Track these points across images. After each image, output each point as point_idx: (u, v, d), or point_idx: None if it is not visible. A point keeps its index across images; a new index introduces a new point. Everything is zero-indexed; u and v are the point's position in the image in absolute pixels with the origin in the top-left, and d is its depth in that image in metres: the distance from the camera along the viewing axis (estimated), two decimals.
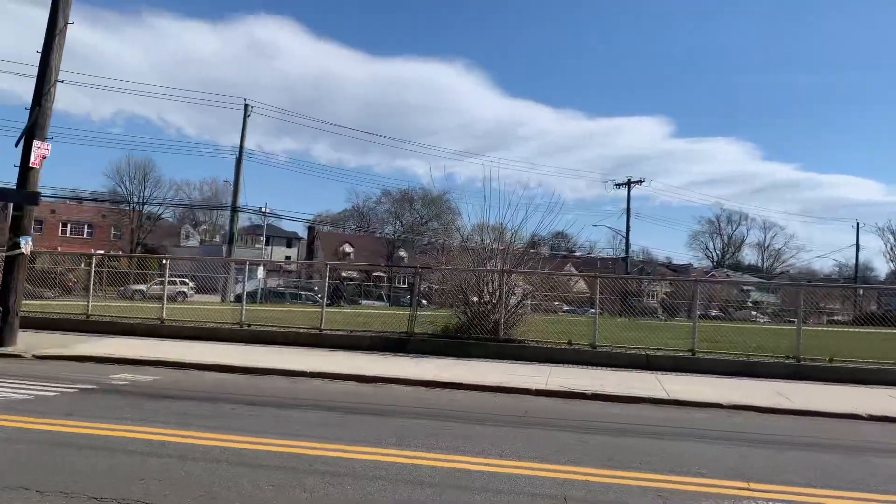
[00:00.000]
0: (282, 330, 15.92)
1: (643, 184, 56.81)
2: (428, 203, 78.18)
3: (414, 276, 17.58)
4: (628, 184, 56.55)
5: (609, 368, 13.50)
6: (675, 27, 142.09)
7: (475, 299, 15.47)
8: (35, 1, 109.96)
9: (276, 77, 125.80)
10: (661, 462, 6.28)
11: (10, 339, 12.40)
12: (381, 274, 54.39)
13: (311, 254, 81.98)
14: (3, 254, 12.78)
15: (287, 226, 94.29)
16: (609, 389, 10.72)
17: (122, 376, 10.29)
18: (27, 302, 14.43)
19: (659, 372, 13.24)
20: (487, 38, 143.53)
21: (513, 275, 15.57)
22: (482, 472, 5.57)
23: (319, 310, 16.62)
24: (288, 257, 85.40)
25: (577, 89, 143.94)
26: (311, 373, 11.24)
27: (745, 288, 30.17)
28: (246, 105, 42.04)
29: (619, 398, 10.24)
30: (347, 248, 78.35)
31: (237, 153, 42.36)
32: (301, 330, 15.85)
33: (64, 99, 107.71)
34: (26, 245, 12.65)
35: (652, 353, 14.11)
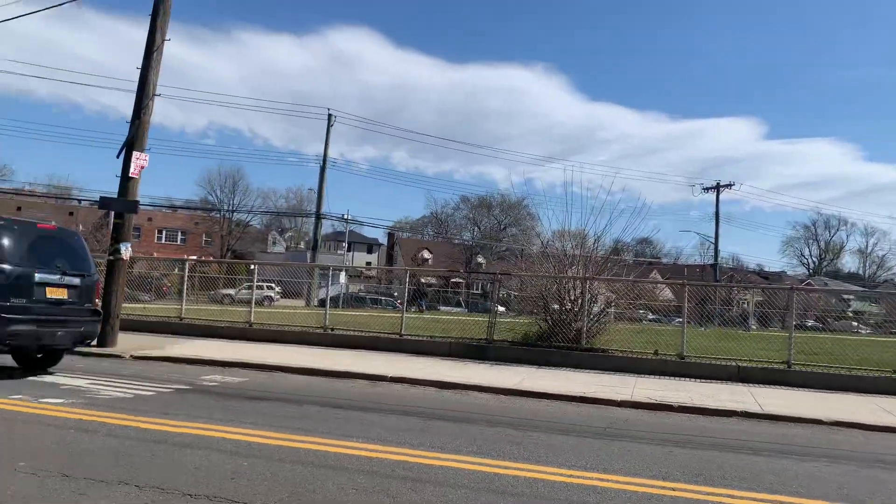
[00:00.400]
0: (363, 334, 16.17)
1: (733, 187, 54.66)
2: (506, 209, 77.92)
3: (493, 283, 17.51)
4: (717, 188, 54.47)
5: (697, 380, 12.99)
6: (770, 24, 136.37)
7: (556, 307, 15.23)
8: (134, 20, 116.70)
9: (358, 87, 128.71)
10: (756, 479, 5.95)
11: (111, 341, 13.11)
12: (460, 280, 54.55)
13: (390, 260, 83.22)
14: (106, 259, 13.55)
15: (368, 232, 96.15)
16: (698, 401, 10.30)
17: (213, 377, 10.69)
18: (126, 305, 15.22)
19: (751, 385, 12.63)
20: (567, 42, 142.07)
21: (595, 282, 15.25)
22: (566, 483, 5.43)
23: (399, 315, 16.80)
24: (368, 263, 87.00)
25: (661, 91, 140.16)
26: (391, 377, 11.34)
27: (845, 297, 28.45)
28: (329, 115, 43.18)
29: (708, 411, 9.82)
30: (426, 255, 79.05)
31: (321, 162, 43.55)
32: (381, 335, 16.06)
33: (160, 112, 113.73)
34: (126, 251, 13.36)
35: (744, 364, 13.48)
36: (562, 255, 16.43)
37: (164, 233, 71.33)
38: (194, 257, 37.56)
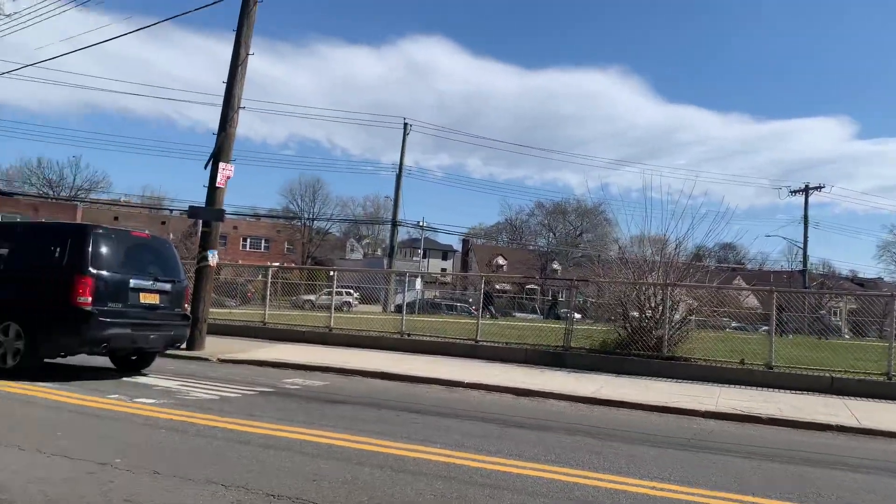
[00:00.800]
0: (438, 340, 16.25)
1: (822, 190, 51.99)
2: (582, 214, 76.83)
3: (569, 289, 17.26)
4: (805, 190, 51.89)
5: (786, 391, 12.38)
6: (859, 22, 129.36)
7: (635, 314, 14.86)
8: (221, 37, 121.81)
9: (433, 95, 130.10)
10: (855, 497, 5.60)
11: (199, 344, 13.66)
12: (535, 286, 54.09)
13: (465, 266, 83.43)
14: (194, 266, 14.15)
15: (443, 239, 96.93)
16: (788, 414, 9.81)
17: (294, 381, 10.97)
18: (213, 310, 15.83)
19: (846, 397, 11.93)
20: (643, 44, 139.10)
21: (677, 288, 14.78)
22: (649, 496, 5.26)
23: (473, 321, 16.80)
24: (443, 269, 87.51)
25: (744, 92, 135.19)
26: (468, 383, 11.33)
27: None
28: (405, 124, 43.81)
29: (800, 424, 9.33)
30: (500, 261, 78.84)
31: (397, 170, 44.22)
32: (457, 340, 16.09)
33: (244, 125, 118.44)
34: (213, 258, 13.92)
35: (838, 375, 12.75)
36: (641, 261, 16.02)
37: (248, 241, 73.96)
38: (277, 264, 38.77)
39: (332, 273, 19.59)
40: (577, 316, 17.06)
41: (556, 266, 72.20)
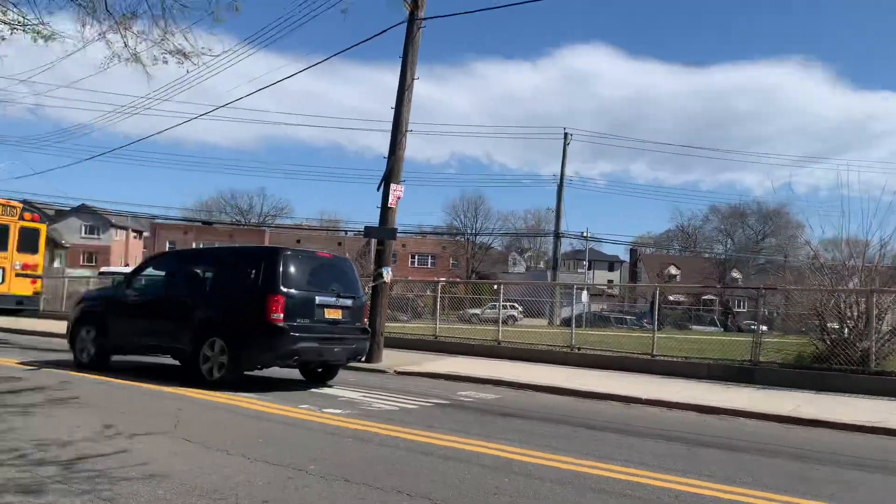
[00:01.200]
0: (611, 354, 15.74)
1: None
2: (763, 217, 71.43)
3: (756, 298, 16.00)
4: None
5: None
6: None
7: (835, 325, 13.41)
8: (386, 66, 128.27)
9: (592, 102, 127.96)
10: None
11: (376, 357, 14.28)
12: (713, 297, 50.92)
13: (633, 277, 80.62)
14: (370, 283, 14.85)
15: (608, 249, 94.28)
16: None
17: (468, 393, 11.10)
18: (387, 324, 16.50)
19: None
20: (822, 30, 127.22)
21: (884, 295, 13.17)
22: None
23: (644, 334, 16.11)
24: (610, 281, 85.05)
25: None
26: (646, 399, 10.81)
27: None
28: (566, 133, 43.38)
29: None
30: (673, 270, 75.27)
31: (558, 181, 43.83)
32: (630, 355, 15.49)
33: (409, 147, 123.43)
34: (388, 274, 14.55)
35: None
36: (840, 266, 14.46)
37: (416, 257, 76.93)
38: (444, 279, 39.86)
39: (495, 286, 19.68)
40: (764, 328, 15.75)
41: (735, 274, 67.60)
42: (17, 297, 17.29)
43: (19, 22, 8.87)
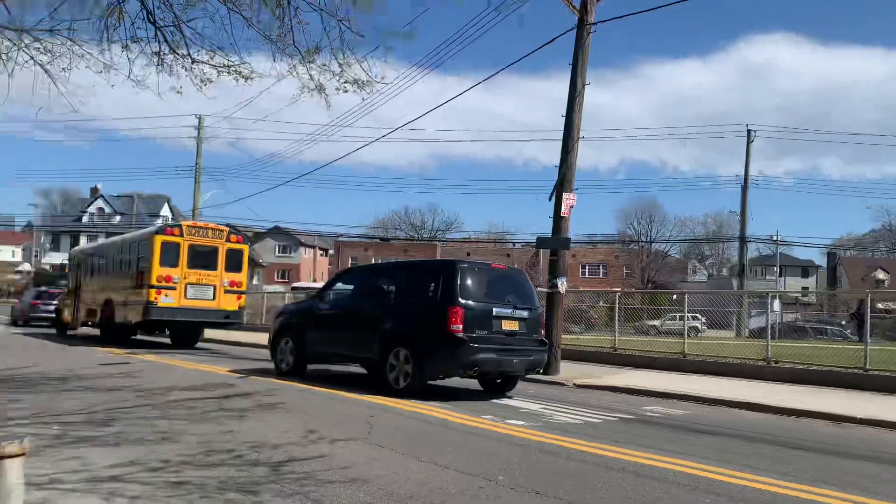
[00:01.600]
0: (812, 369, 14.32)
1: None
2: None
3: None
4: None
5: None
6: None
7: None
8: (547, 76, 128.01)
9: (774, 97, 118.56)
10: None
11: (553, 369, 14.11)
12: None
13: (832, 283, 73.10)
14: (545, 293, 14.74)
15: (800, 253, 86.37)
16: None
17: (654, 408, 10.60)
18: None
19: None
20: None
21: None
22: None
23: (850, 346, 14.47)
24: (805, 288, 77.74)
25: None
26: (861, 419, 9.68)
27: None
28: (748, 131, 40.42)
29: None
30: (880, 275, 67.19)
31: (741, 182, 40.90)
32: (836, 369, 13.98)
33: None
34: (562, 285, 14.35)
35: None
36: None
37: (586, 267, 75.40)
38: (619, 289, 38.65)
39: (674, 297, 18.73)
40: None
41: None
42: (226, 312, 19.21)
43: (224, 65, 9.86)
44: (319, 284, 41.85)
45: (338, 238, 78.38)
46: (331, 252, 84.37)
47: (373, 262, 50.84)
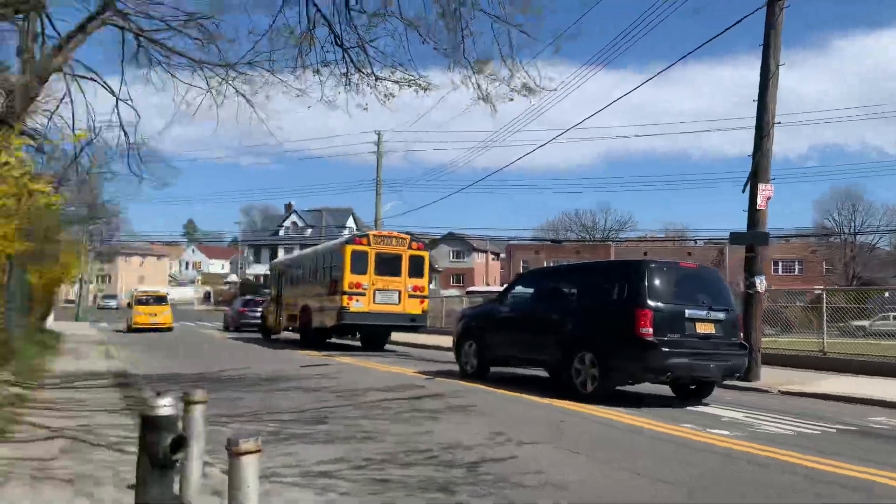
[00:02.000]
0: None
1: None
2: None
3: None
4: None
5: None
6: None
7: None
8: (724, 62, 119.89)
9: None
10: None
11: (753, 374, 13.01)
12: None
13: None
14: (742, 293, 13.67)
15: None
16: None
17: (881, 419, 9.39)
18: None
19: None
20: None
21: None
22: None
23: None
24: None
25: None
26: None
27: None
28: None
29: None
30: None
31: None
32: None
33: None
34: (760, 284, 13.25)
35: None
36: None
37: (779, 264, 69.28)
38: (819, 287, 35.12)
39: (886, 294, 16.52)
40: None
41: None
42: (410, 316, 20.01)
43: (405, 79, 10.25)
44: (493, 288, 42.47)
45: (509, 242, 78.96)
46: (502, 256, 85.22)
47: (545, 264, 50.55)
